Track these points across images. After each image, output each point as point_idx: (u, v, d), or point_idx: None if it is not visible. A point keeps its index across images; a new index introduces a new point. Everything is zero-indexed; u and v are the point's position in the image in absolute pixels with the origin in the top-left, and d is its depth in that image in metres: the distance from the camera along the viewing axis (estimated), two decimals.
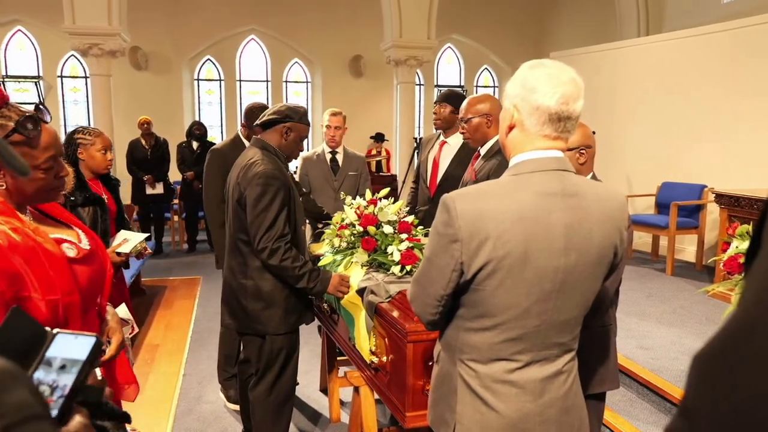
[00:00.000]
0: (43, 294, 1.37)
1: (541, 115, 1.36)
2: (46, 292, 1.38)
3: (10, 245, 1.34)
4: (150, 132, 7.71)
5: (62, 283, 1.41)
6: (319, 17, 10.35)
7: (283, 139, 2.67)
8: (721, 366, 0.52)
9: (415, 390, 2.07)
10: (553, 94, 1.34)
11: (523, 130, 1.40)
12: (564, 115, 1.36)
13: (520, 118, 1.40)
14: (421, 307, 1.48)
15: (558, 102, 1.35)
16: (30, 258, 1.37)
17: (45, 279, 1.38)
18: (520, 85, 1.39)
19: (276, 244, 2.51)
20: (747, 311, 0.52)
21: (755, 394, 0.48)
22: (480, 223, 1.32)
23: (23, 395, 0.56)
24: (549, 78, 1.35)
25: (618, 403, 3.53)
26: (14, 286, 1.33)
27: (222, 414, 3.52)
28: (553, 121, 1.37)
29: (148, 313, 5.40)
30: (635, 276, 6.12)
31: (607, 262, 1.44)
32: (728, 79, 6.35)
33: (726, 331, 0.53)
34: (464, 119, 2.97)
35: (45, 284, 1.38)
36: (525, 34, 11.34)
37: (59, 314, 1.41)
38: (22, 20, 9.59)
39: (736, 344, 0.52)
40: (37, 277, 1.37)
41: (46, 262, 1.39)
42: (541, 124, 1.37)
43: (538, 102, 1.36)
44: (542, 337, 1.41)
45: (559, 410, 1.45)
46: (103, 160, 3.01)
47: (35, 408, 0.56)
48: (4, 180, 1.43)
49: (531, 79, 1.37)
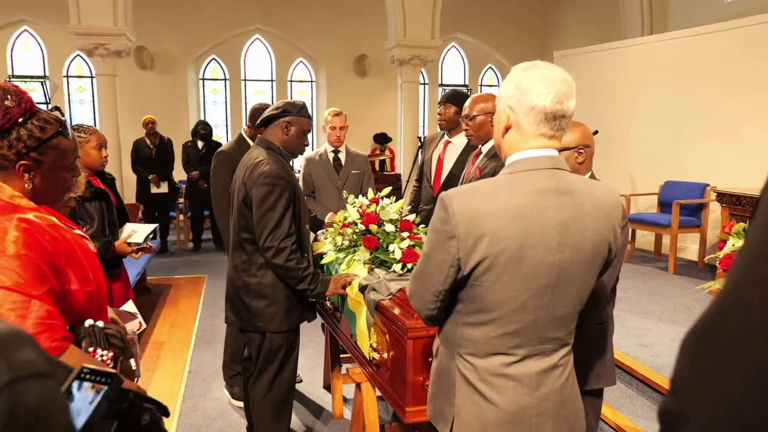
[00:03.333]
0: (81, 286, 1.44)
1: (537, 115, 1.41)
2: (83, 284, 1.44)
3: (54, 240, 1.39)
4: (155, 131, 7.77)
5: (95, 276, 1.48)
6: (324, 17, 10.38)
7: (285, 135, 2.68)
8: (704, 345, 0.56)
9: (415, 386, 2.10)
10: (547, 94, 1.39)
11: (520, 131, 1.44)
12: (559, 113, 1.41)
13: (516, 118, 1.44)
14: (420, 303, 1.51)
15: (552, 101, 1.39)
16: (69, 252, 1.42)
17: (82, 272, 1.44)
18: (514, 87, 1.43)
19: (282, 243, 2.54)
20: (725, 295, 0.56)
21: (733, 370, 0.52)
22: (476, 220, 1.36)
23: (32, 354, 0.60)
24: (542, 78, 1.40)
25: (618, 399, 3.56)
26: (61, 280, 1.39)
27: (227, 411, 3.56)
28: (549, 119, 1.41)
29: (154, 311, 5.45)
30: (637, 274, 6.14)
31: (601, 258, 1.47)
32: (731, 78, 6.35)
33: (707, 312, 0.57)
34: (468, 116, 2.98)
35: (82, 277, 1.44)
36: (529, 33, 11.34)
37: (93, 305, 1.48)
38: (29, 20, 9.66)
39: (715, 325, 0.56)
40: (76, 271, 1.43)
41: (81, 256, 1.45)
42: (537, 123, 1.42)
43: (533, 102, 1.40)
44: (538, 331, 1.44)
45: (556, 403, 1.49)
46: (98, 157, 3.02)
47: (42, 366, 0.60)
48: (34, 181, 1.48)
49: (525, 81, 1.41)
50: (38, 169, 1.47)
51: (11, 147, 1.43)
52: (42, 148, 1.46)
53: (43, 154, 1.47)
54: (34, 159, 1.46)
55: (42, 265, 1.34)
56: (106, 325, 1.48)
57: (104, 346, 1.44)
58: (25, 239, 1.34)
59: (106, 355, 1.43)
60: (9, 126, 1.42)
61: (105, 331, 1.45)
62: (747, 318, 0.52)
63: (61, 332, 1.35)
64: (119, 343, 1.49)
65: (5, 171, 1.44)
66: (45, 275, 1.34)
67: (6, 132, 1.42)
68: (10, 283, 1.29)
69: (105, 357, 1.43)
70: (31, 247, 1.34)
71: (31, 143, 1.45)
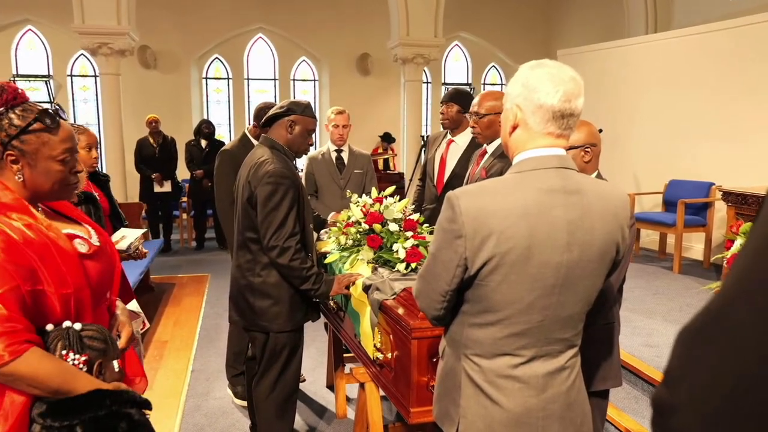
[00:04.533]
0: (56, 288, 1.41)
1: (545, 114, 1.39)
2: (58, 286, 1.42)
3: (25, 241, 1.38)
4: (158, 130, 7.78)
5: (74, 278, 1.46)
6: (327, 15, 10.37)
7: (289, 134, 2.67)
8: (701, 340, 0.57)
9: (419, 386, 2.08)
10: (555, 92, 1.37)
11: (527, 129, 1.43)
12: (567, 112, 1.39)
13: (523, 117, 1.42)
14: (426, 303, 1.50)
15: (560, 100, 1.38)
16: (43, 254, 1.41)
17: (58, 274, 1.42)
18: (521, 86, 1.42)
19: (287, 243, 2.53)
20: (724, 294, 0.57)
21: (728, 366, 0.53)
22: (483, 219, 1.35)
23: None
24: (550, 77, 1.38)
25: (623, 400, 3.54)
26: (30, 280, 1.37)
27: (230, 410, 3.55)
28: (557, 118, 1.40)
29: (157, 309, 5.45)
30: (642, 274, 6.11)
31: (609, 258, 1.46)
32: (736, 76, 6.32)
33: (706, 309, 0.58)
34: (478, 114, 2.90)
35: (57, 279, 1.42)
36: (533, 32, 11.31)
37: (71, 308, 1.46)
38: (33, 20, 9.67)
39: (714, 321, 0.57)
40: (50, 272, 1.41)
41: (58, 258, 1.43)
42: (544, 122, 1.40)
43: (541, 101, 1.38)
44: (545, 332, 1.43)
45: (562, 405, 1.47)
46: (87, 158, 2.94)
47: None
48: (23, 173, 1.47)
49: (533, 79, 1.40)
50: (23, 158, 1.46)
51: None
52: (22, 136, 1.46)
53: (24, 142, 1.46)
54: (17, 148, 1.45)
55: (6, 264, 1.33)
56: (85, 326, 1.46)
57: (77, 349, 1.42)
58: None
59: (78, 359, 1.42)
60: None
61: (81, 333, 1.44)
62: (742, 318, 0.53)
63: (22, 335, 1.33)
64: (99, 345, 1.47)
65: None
66: (9, 274, 1.33)
67: None
68: None
69: (77, 361, 1.42)
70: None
71: (11, 132, 1.45)
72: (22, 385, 1.35)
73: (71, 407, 1.36)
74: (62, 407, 1.36)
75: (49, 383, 1.36)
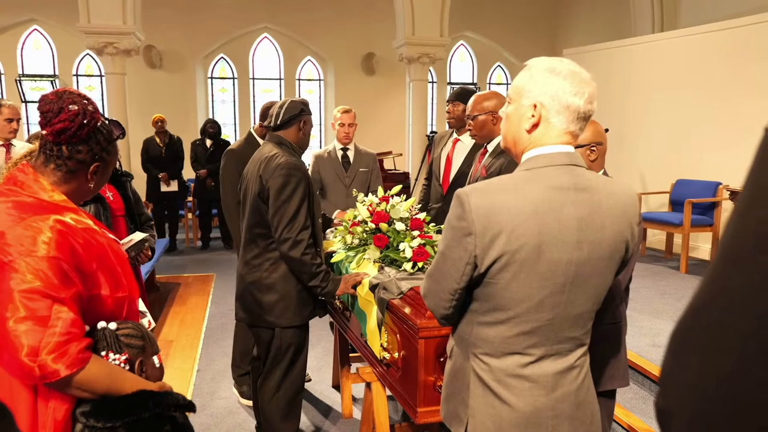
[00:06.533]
0: (112, 291, 1.41)
1: (571, 114, 1.39)
2: (114, 289, 1.42)
3: (87, 245, 1.37)
4: (164, 130, 7.79)
5: (129, 281, 1.46)
6: (332, 15, 10.37)
7: (301, 133, 2.74)
8: (683, 342, 0.57)
9: (426, 386, 2.07)
10: (582, 94, 1.38)
11: (548, 128, 1.41)
12: (588, 113, 1.41)
13: (547, 115, 1.41)
14: (435, 302, 1.49)
15: (586, 102, 1.39)
16: (103, 257, 1.41)
17: (115, 277, 1.42)
18: (544, 84, 1.40)
19: (300, 236, 2.53)
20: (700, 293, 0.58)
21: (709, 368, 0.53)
22: (493, 216, 1.34)
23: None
24: (574, 78, 1.38)
25: (630, 400, 3.52)
26: (89, 285, 1.37)
27: (235, 409, 3.55)
28: (580, 119, 1.41)
29: (162, 309, 5.45)
30: (649, 274, 6.08)
31: (618, 256, 1.44)
32: (743, 75, 6.28)
33: (686, 310, 0.59)
34: (470, 116, 2.97)
35: (114, 282, 1.42)
36: (538, 31, 11.28)
37: (124, 310, 1.46)
38: (39, 20, 9.70)
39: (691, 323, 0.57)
40: (107, 275, 1.40)
41: (116, 261, 1.43)
42: (569, 122, 1.40)
43: (569, 101, 1.38)
44: (555, 330, 1.41)
45: (572, 405, 1.46)
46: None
47: None
48: (94, 180, 1.48)
49: (557, 79, 1.38)
50: (104, 168, 1.49)
51: (90, 151, 1.44)
52: (110, 146, 1.49)
53: (110, 153, 1.49)
54: (104, 159, 1.48)
55: (70, 269, 1.32)
56: (121, 325, 1.44)
57: (116, 349, 1.40)
58: (58, 241, 1.32)
59: (119, 359, 1.40)
60: (91, 130, 1.43)
61: (117, 333, 1.42)
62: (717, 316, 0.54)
63: (84, 341, 1.32)
64: (137, 342, 1.45)
65: (72, 174, 1.45)
66: (71, 280, 1.31)
67: (88, 136, 1.43)
68: (39, 283, 1.27)
69: (117, 361, 1.40)
70: (61, 249, 1.31)
71: (104, 144, 1.47)
72: (73, 390, 1.32)
73: (116, 408, 1.34)
74: (106, 408, 1.34)
75: (98, 387, 1.34)
